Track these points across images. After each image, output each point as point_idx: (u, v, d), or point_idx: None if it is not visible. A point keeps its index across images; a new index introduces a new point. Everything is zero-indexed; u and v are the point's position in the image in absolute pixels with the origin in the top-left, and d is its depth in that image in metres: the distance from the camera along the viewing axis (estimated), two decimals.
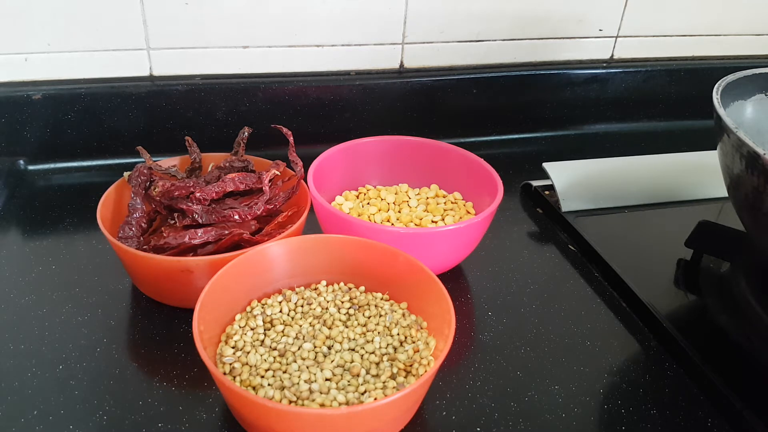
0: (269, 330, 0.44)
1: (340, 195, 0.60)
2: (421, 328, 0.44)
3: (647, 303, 0.50)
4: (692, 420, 0.42)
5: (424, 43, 0.74)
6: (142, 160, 0.55)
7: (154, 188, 0.51)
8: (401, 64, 0.74)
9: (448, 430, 0.41)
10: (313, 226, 0.53)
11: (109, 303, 0.49)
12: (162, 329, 0.47)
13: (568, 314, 0.51)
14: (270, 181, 0.52)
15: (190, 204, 0.50)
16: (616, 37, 0.81)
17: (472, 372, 0.45)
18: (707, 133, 0.55)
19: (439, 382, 0.44)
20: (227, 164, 0.55)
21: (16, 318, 0.47)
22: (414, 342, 0.43)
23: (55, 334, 0.46)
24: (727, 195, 0.53)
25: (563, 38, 0.79)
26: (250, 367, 0.40)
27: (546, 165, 0.66)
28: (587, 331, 0.49)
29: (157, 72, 0.67)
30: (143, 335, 0.46)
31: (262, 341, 0.43)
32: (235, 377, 0.40)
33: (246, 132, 0.57)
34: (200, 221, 0.50)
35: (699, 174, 0.68)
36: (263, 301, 0.46)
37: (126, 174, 0.53)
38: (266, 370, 0.40)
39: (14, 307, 0.48)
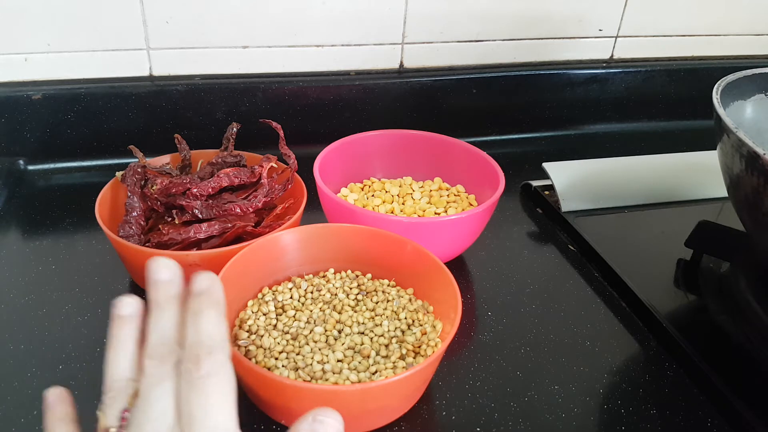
0: (281, 315, 0.45)
1: (345, 187, 0.61)
2: (428, 312, 0.45)
3: (647, 303, 0.50)
4: (692, 420, 0.42)
5: (424, 43, 0.74)
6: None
7: (152, 186, 0.51)
8: (401, 64, 0.74)
9: (448, 430, 0.41)
10: (311, 216, 0.54)
11: (109, 303, 0.48)
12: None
13: (568, 314, 0.51)
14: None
15: (189, 200, 0.50)
16: (616, 37, 0.81)
17: (472, 372, 0.45)
18: (707, 133, 0.54)
19: (439, 382, 0.44)
20: (219, 160, 0.56)
21: (16, 318, 0.47)
22: (421, 325, 0.44)
23: (55, 334, 0.46)
24: (727, 195, 0.53)
25: (563, 38, 0.79)
26: (264, 349, 0.42)
27: (546, 165, 0.66)
28: (587, 331, 0.49)
29: (157, 72, 0.67)
30: (143, 335, 0.46)
31: (275, 326, 0.44)
32: (250, 359, 0.41)
33: (235, 128, 0.57)
34: (200, 216, 0.50)
35: (699, 174, 0.68)
36: (274, 288, 0.47)
37: (118, 174, 0.53)
38: (280, 352, 0.41)
39: (14, 307, 0.48)
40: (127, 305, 0.30)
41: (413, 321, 0.45)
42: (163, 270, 0.30)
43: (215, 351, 0.27)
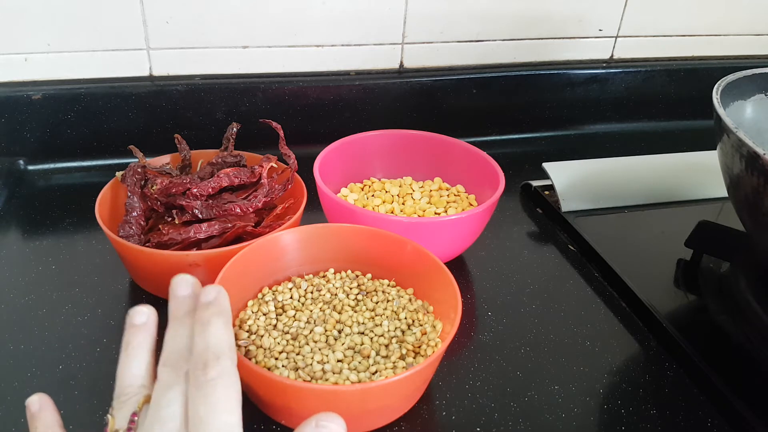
0: (281, 315, 0.45)
1: (345, 187, 0.61)
2: (428, 312, 0.45)
3: (647, 303, 0.50)
4: (692, 420, 0.42)
5: (424, 43, 0.74)
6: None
7: (152, 186, 0.51)
8: (401, 64, 0.74)
9: (448, 430, 0.41)
10: (311, 216, 0.54)
11: (109, 303, 0.49)
12: (161, 329, 0.47)
13: (568, 314, 0.51)
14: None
15: (189, 200, 0.50)
16: (616, 37, 0.81)
17: (472, 372, 0.45)
18: (707, 133, 0.54)
19: (439, 382, 0.44)
20: (219, 160, 0.56)
21: (16, 318, 0.47)
22: (421, 325, 0.44)
23: (55, 334, 0.46)
24: (727, 195, 0.53)
25: (563, 38, 0.79)
26: (264, 349, 0.42)
27: (546, 165, 0.66)
28: (587, 331, 0.49)
29: (157, 72, 0.67)
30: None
31: (275, 326, 0.44)
32: (250, 359, 0.41)
33: (235, 128, 0.57)
34: (201, 216, 0.50)
35: (699, 174, 0.68)
36: (274, 288, 0.47)
37: (118, 174, 0.53)
38: (280, 353, 0.41)
39: (14, 307, 0.48)
40: (141, 314, 0.32)
41: (413, 321, 0.45)
42: (183, 286, 0.32)
43: (222, 357, 0.28)
